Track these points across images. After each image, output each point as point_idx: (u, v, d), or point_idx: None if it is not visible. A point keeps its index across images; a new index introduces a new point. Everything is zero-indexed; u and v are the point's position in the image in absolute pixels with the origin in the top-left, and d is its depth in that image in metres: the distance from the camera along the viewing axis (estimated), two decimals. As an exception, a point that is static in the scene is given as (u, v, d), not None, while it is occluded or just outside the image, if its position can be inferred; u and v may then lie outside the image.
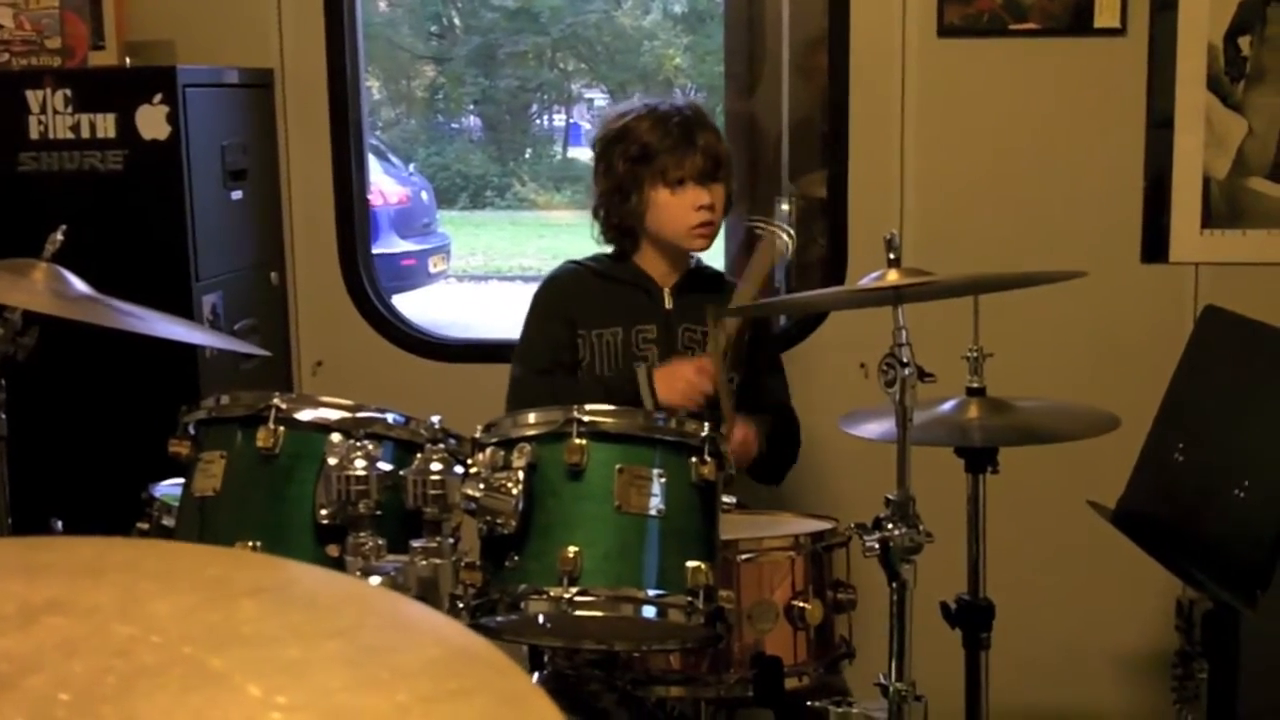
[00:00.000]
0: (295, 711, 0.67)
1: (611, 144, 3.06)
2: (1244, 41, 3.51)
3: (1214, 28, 3.51)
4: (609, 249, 3.15)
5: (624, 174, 3.02)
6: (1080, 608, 3.74)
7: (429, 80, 15.64)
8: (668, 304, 3.08)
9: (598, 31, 15.20)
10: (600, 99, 15.19)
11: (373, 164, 10.71)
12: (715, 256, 4.82)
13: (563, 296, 3.11)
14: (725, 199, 3.06)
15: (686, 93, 14.41)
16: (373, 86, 14.40)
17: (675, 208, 3.00)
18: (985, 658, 2.76)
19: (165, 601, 0.77)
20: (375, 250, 4.75)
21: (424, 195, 11.93)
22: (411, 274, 10.78)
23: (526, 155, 16.06)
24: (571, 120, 16.20)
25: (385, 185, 10.96)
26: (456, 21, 15.74)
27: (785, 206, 4.29)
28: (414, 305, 9.94)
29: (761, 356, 3.16)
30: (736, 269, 4.46)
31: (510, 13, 14.68)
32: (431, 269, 11.22)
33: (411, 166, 13.31)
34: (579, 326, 3.05)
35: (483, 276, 12.81)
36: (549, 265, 3.27)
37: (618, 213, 3.05)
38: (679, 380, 2.87)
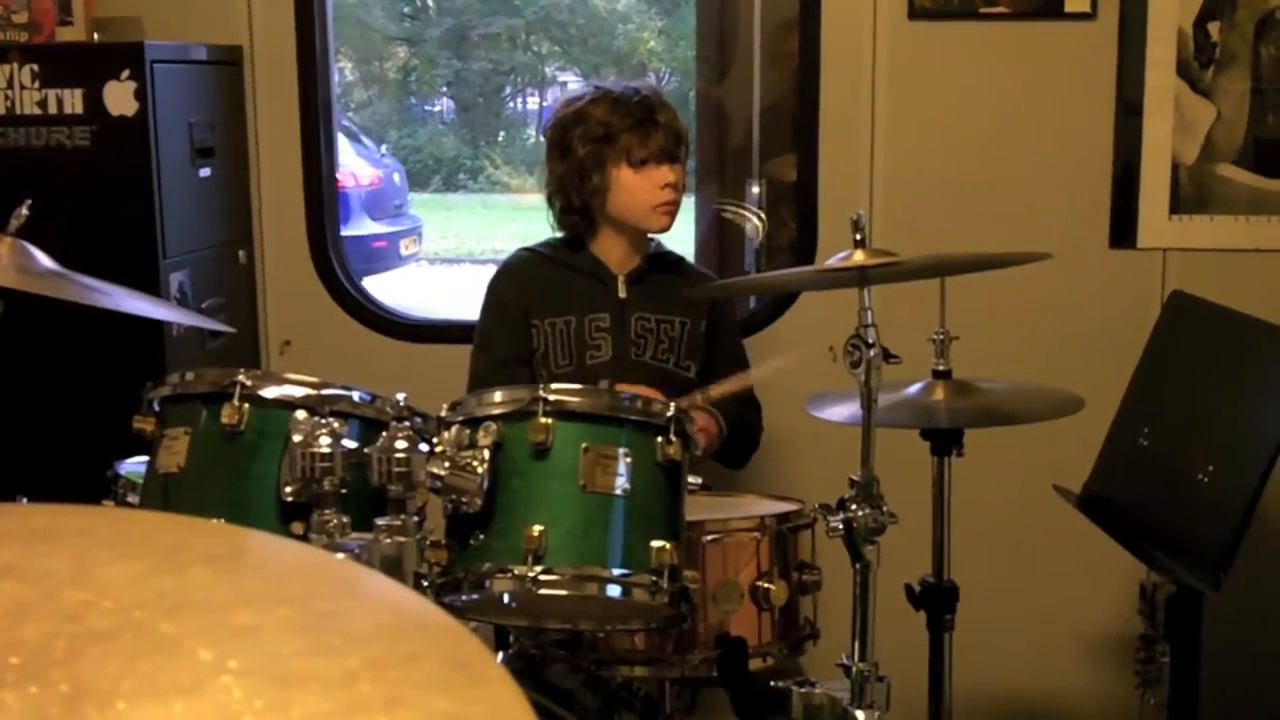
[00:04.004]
0: (246, 676, 0.67)
1: (569, 127, 3.03)
2: (1213, 27, 3.52)
3: (1183, 13, 3.52)
4: (561, 235, 3.14)
5: (585, 155, 3.00)
6: (1044, 590, 3.76)
7: (401, 62, 15.59)
8: (621, 293, 3.07)
9: (571, 14, 15.18)
10: (574, 82, 15.16)
11: (344, 145, 10.71)
12: (684, 241, 4.84)
13: (517, 286, 3.09)
14: (684, 178, 3.06)
15: (660, 76, 14.42)
16: (345, 68, 14.34)
17: (639, 187, 2.98)
18: (949, 639, 2.77)
19: (118, 567, 0.76)
20: (346, 232, 4.73)
21: (396, 177, 11.88)
22: (383, 256, 10.74)
23: (499, 138, 16.03)
24: (545, 103, 16.15)
25: (357, 167, 10.92)
26: (429, 3, 15.68)
27: (755, 190, 4.31)
28: (385, 287, 9.92)
29: (721, 341, 3.16)
30: (704, 261, 4.47)
31: (484, -6, 14.65)
32: (403, 251, 11.19)
33: (383, 148, 13.26)
34: (532, 316, 3.04)
35: (454, 259, 12.78)
36: (521, 248, 3.26)
37: (578, 195, 3.02)
38: None
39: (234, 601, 0.75)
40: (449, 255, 12.93)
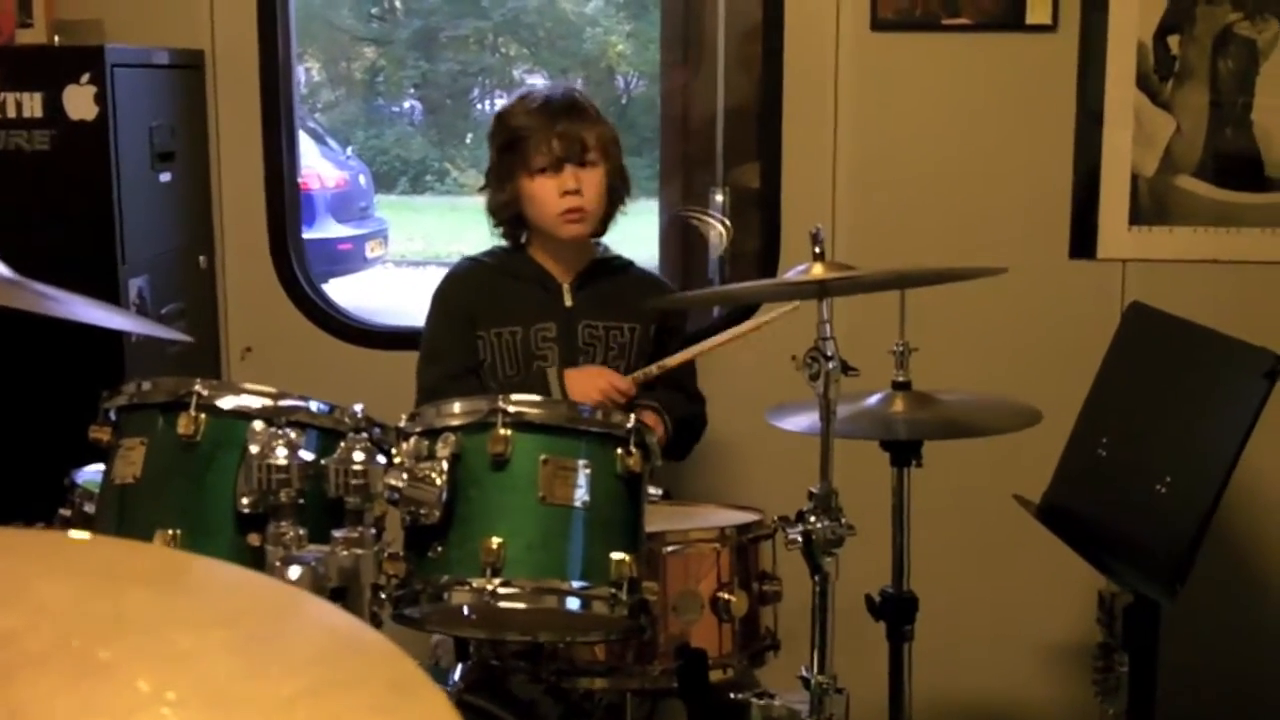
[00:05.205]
0: (184, 706, 0.67)
1: (491, 135, 3.07)
2: (1173, 41, 3.55)
3: (1143, 26, 3.54)
4: (506, 243, 3.13)
5: (496, 164, 3.03)
6: (1004, 600, 3.77)
7: (369, 63, 15.54)
8: (567, 301, 3.05)
9: (540, 17, 15.16)
10: (542, 85, 15.14)
11: (310, 147, 10.68)
12: (648, 247, 4.84)
13: (463, 295, 3.08)
14: (604, 183, 3.00)
15: (628, 80, 14.43)
16: (312, 68, 14.30)
17: (539, 195, 2.97)
18: (909, 650, 2.78)
19: (55, 591, 0.76)
20: (311, 234, 4.70)
21: (362, 179, 11.83)
22: (348, 258, 10.70)
23: (467, 140, 16.00)
24: (512, 107, 16.07)
25: (322, 169, 10.87)
26: (397, 4, 15.65)
27: (720, 198, 4.31)
28: (350, 290, 9.88)
29: (674, 347, 3.16)
30: (668, 267, 4.47)
31: (451, -5, 14.63)
32: (368, 254, 11.14)
33: (349, 150, 13.21)
34: (479, 326, 3.02)
35: (421, 262, 12.74)
36: (487, 251, 3.25)
37: (497, 204, 3.04)
38: (593, 390, 2.86)
39: (171, 625, 0.74)
40: (415, 258, 12.88)
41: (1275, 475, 3.61)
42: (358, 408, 2.10)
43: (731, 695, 2.45)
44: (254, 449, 2.00)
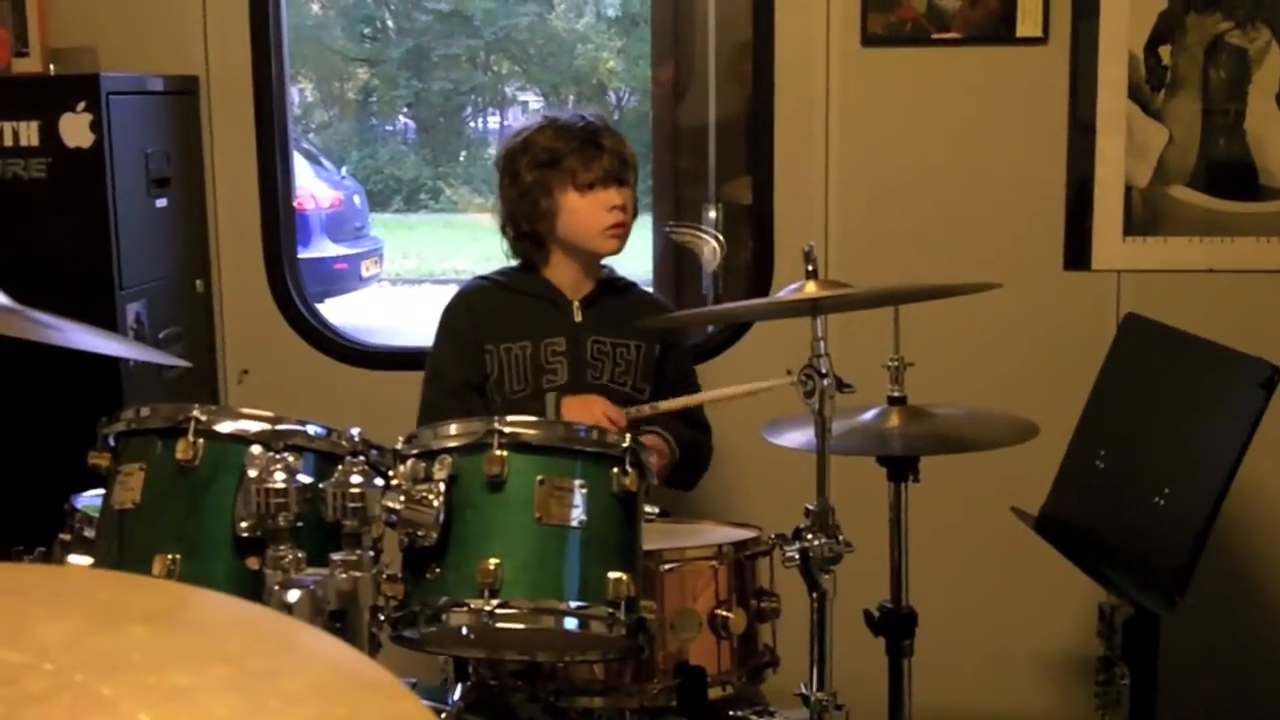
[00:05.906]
0: (183, 740, 0.67)
1: (515, 155, 3.06)
2: (1164, 51, 3.55)
3: (1134, 37, 3.55)
4: (516, 263, 3.14)
5: (533, 181, 3.02)
6: (1003, 614, 3.76)
7: (362, 83, 15.58)
8: (577, 317, 3.08)
9: (531, 34, 15.19)
10: (534, 102, 15.19)
11: (305, 167, 10.70)
12: (641, 264, 4.84)
13: (470, 313, 3.10)
14: (634, 202, 3.07)
15: (620, 96, 14.46)
16: (305, 89, 14.33)
17: (587, 210, 3.00)
18: (908, 665, 2.78)
19: (56, 627, 0.76)
20: (307, 254, 4.71)
21: (356, 199, 11.85)
22: (343, 278, 10.72)
23: (461, 158, 16.02)
24: (505, 123, 16.16)
25: (317, 189, 10.89)
26: (389, 24, 15.69)
27: (713, 213, 4.31)
28: (346, 309, 9.89)
29: (672, 364, 3.17)
30: (662, 282, 4.48)
31: (443, 15, 14.65)
32: (364, 273, 11.17)
33: (344, 170, 13.24)
34: (487, 342, 3.04)
35: (416, 280, 12.77)
36: (482, 268, 3.27)
37: (528, 221, 3.04)
38: (586, 416, 2.85)
39: (171, 661, 0.75)
40: (410, 276, 12.92)
41: (1274, 485, 3.61)
42: (355, 431, 2.11)
43: (731, 713, 2.45)
44: (252, 473, 2.00)
